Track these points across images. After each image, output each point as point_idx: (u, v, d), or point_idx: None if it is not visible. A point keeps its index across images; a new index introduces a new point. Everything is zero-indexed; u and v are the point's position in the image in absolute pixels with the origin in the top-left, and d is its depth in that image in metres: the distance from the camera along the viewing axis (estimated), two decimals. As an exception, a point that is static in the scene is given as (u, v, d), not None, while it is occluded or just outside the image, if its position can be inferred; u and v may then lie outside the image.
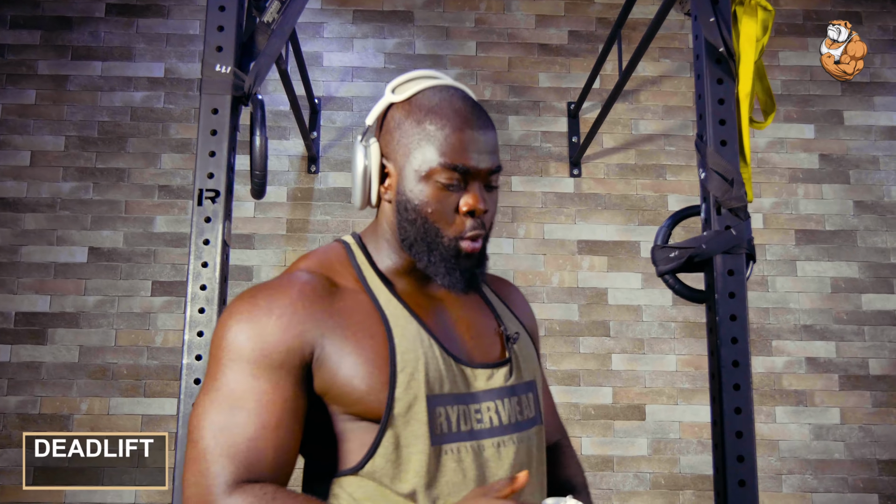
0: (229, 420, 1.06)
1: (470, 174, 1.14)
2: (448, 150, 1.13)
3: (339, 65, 3.97)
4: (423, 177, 1.14)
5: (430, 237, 1.15)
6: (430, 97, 1.18)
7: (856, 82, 4.04)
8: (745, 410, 1.90)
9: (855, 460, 3.67)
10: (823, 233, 3.88)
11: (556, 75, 4.01)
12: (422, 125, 1.15)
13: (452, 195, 1.15)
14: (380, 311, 1.16)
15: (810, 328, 3.78)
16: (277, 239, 3.76)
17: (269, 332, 1.09)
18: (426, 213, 1.14)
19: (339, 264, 1.21)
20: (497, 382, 1.19)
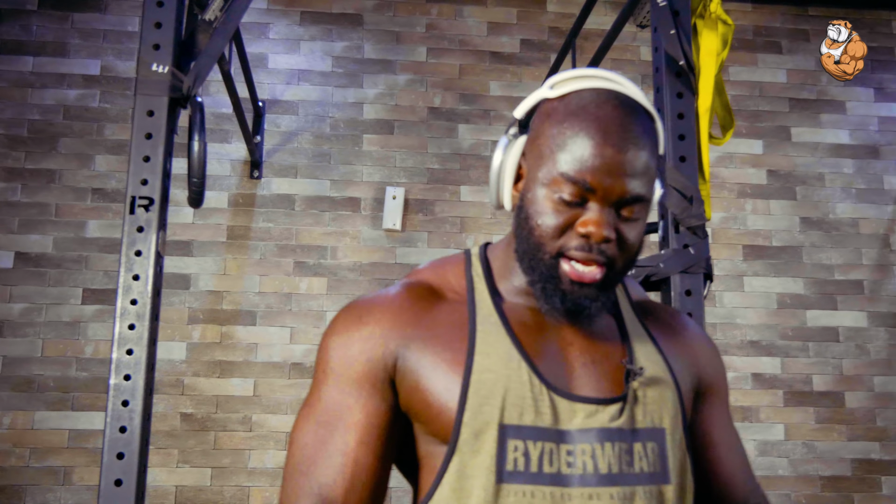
0: (325, 438, 1.02)
1: (596, 193, 0.98)
2: (574, 160, 0.98)
3: (285, 67, 3.85)
4: (546, 184, 1.00)
5: (532, 252, 1.02)
6: (583, 97, 1.02)
7: (803, 99, 4.07)
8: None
9: (798, 476, 3.67)
10: (770, 248, 3.88)
11: (507, 84, 3.95)
12: (559, 127, 1.00)
13: (570, 211, 0.99)
14: (470, 325, 1.04)
15: (757, 344, 3.78)
16: (217, 246, 3.62)
17: (353, 343, 1.04)
18: (534, 224, 1.00)
19: (453, 275, 1.12)
20: (599, 422, 0.99)
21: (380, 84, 3.88)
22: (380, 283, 3.66)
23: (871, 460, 3.71)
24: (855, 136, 4.06)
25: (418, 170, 3.80)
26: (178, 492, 3.38)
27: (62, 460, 3.38)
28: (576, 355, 1.06)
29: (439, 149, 3.84)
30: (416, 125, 3.85)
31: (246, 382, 3.50)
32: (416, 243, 3.72)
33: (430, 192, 3.78)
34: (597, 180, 0.97)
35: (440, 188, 3.80)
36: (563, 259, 1.00)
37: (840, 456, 3.70)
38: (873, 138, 4.06)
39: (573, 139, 0.98)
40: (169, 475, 3.39)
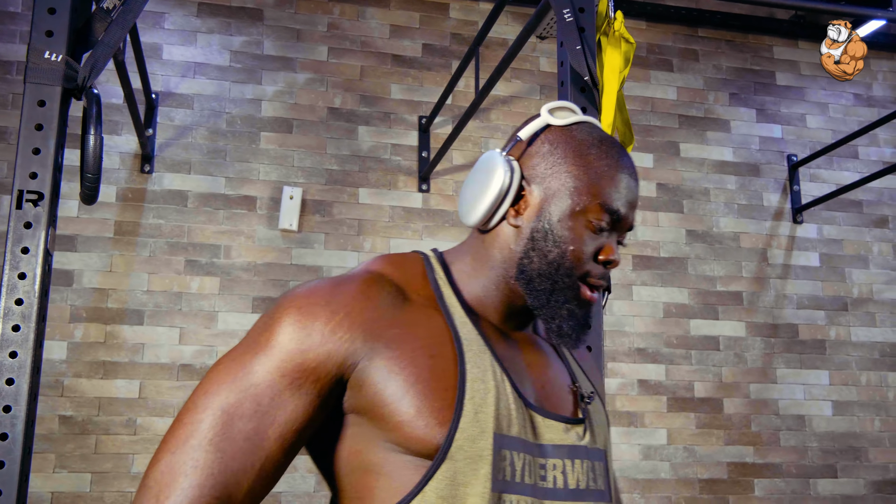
0: (234, 410, 0.93)
1: (619, 223, 1.06)
2: (609, 190, 1.04)
3: (181, 59, 3.73)
4: (577, 212, 1.04)
5: (560, 275, 1.03)
6: (592, 132, 1.09)
7: (691, 116, 4.24)
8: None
9: (679, 479, 3.82)
10: (658, 259, 4.02)
11: (408, 87, 3.94)
12: (586, 158, 1.05)
13: (596, 239, 1.05)
14: (452, 330, 1.02)
15: (643, 351, 3.91)
16: (103, 242, 3.47)
17: (315, 331, 0.96)
18: (567, 250, 1.03)
19: (413, 273, 1.07)
20: (571, 439, 1.04)
21: (279, 81, 3.80)
22: (275, 285, 3.58)
23: (746, 464, 3.89)
24: (738, 154, 4.25)
25: (316, 170, 3.75)
26: (54, 498, 3.22)
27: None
28: (537, 374, 1.10)
29: (338, 150, 3.80)
30: (315, 125, 3.80)
31: (131, 384, 3.36)
32: (313, 244, 3.67)
33: (328, 194, 3.74)
34: (625, 212, 1.05)
35: (338, 189, 3.76)
36: (582, 284, 1.05)
37: (717, 460, 3.87)
38: (755, 157, 4.27)
39: (607, 171, 1.05)
40: (45, 481, 3.22)
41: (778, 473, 3.91)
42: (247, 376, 0.95)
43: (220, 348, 3.48)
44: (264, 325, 0.99)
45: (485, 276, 1.09)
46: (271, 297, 3.57)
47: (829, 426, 4.02)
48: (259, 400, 0.94)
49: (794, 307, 4.12)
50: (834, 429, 4.02)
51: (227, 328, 3.51)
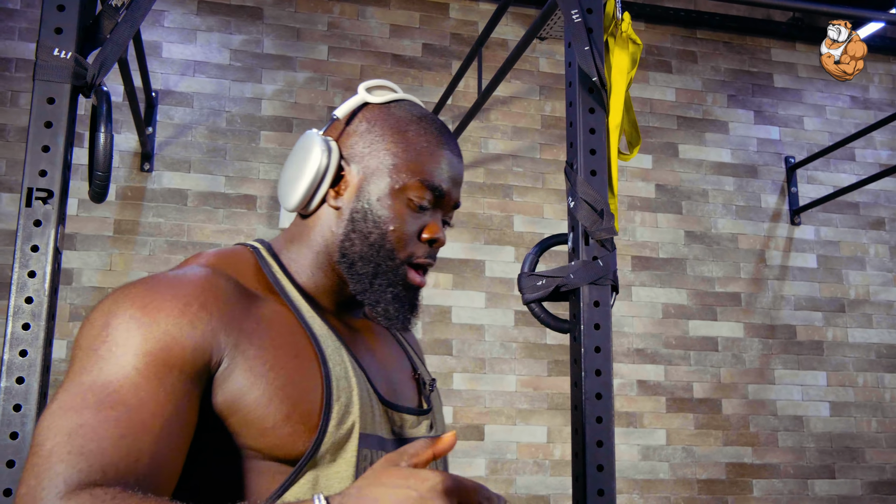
0: (95, 415, 0.79)
1: (443, 200, 1.03)
2: (430, 165, 1.02)
3: (180, 57, 3.71)
4: (397, 190, 1.00)
5: (382, 257, 1.00)
6: (412, 109, 1.06)
7: (689, 117, 4.25)
8: (606, 444, 1.89)
9: (677, 480, 3.83)
10: (657, 260, 4.03)
11: (408, 87, 3.94)
12: (404, 134, 1.02)
13: (419, 218, 1.02)
14: (306, 327, 0.97)
15: (642, 352, 3.92)
16: (102, 240, 3.45)
17: (170, 324, 0.86)
18: (387, 230, 1.00)
19: (247, 268, 1.00)
20: (421, 432, 1.04)
21: (279, 80, 3.79)
22: (274, 284, 3.57)
23: (744, 464, 3.91)
24: (736, 156, 4.27)
25: (317, 169, 3.74)
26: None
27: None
28: (383, 365, 1.07)
29: (338, 149, 3.78)
30: (315, 124, 3.79)
31: (130, 384, 3.34)
32: (313, 244, 3.66)
33: (328, 193, 3.73)
34: (447, 188, 1.03)
35: (338, 189, 3.74)
36: (407, 267, 1.02)
37: (715, 460, 3.88)
38: (752, 158, 4.29)
39: (427, 147, 1.02)
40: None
41: (776, 474, 3.93)
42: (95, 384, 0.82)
43: (219, 348, 3.46)
44: (93, 333, 0.86)
45: (313, 262, 1.04)
46: (271, 297, 3.55)
47: (826, 427, 4.04)
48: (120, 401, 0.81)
49: (791, 308, 4.14)
50: (831, 429, 4.04)
51: (226, 328, 3.49)
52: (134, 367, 0.83)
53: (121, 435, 0.79)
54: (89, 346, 0.85)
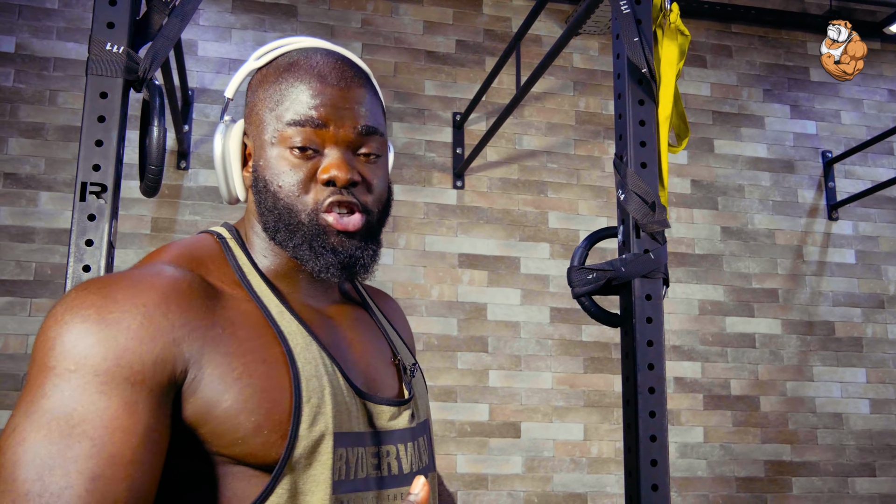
0: (63, 452, 0.74)
1: (328, 132, 0.93)
2: (296, 103, 0.93)
3: (216, 55, 3.72)
4: (274, 143, 0.94)
5: (287, 217, 0.93)
6: (291, 56, 0.98)
7: (724, 112, 4.21)
8: (660, 439, 1.87)
9: (716, 478, 3.79)
10: (693, 256, 4.00)
11: (442, 84, 3.93)
12: (275, 86, 0.96)
13: (308, 162, 0.94)
14: (273, 326, 0.91)
15: (679, 349, 3.88)
16: (140, 239, 3.46)
17: (130, 337, 0.80)
18: (277, 188, 0.93)
19: (212, 262, 0.94)
20: (401, 423, 0.99)
21: (313, 78, 3.79)
22: (310, 281, 3.57)
23: (783, 462, 3.86)
24: (772, 151, 4.22)
25: (351, 167, 3.73)
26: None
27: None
28: (360, 353, 1.02)
29: (373, 146, 3.78)
30: (349, 121, 3.78)
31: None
32: (348, 241, 3.66)
33: (363, 190, 3.72)
34: (325, 114, 0.93)
35: (373, 186, 3.74)
36: (321, 215, 0.94)
37: (754, 458, 3.84)
38: (789, 153, 4.24)
39: (291, 89, 0.95)
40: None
41: (815, 472, 3.88)
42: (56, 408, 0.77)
43: (256, 345, 3.47)
44: (47, 345, 0.80)
45: (261, 245, 0.99)
46: (307, 294, 3.56)
47: (866, 424, 3.98)
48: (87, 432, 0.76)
49: (829, 304, 4.09)
50: (871, 427, 3.99)
51: (263, 325, 3.50)
52: (96, 389, 0.78)
53: (92, 477, 0.75)
54: (44, 361, 0.79)
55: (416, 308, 3.67)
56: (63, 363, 0.78)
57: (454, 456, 3.57)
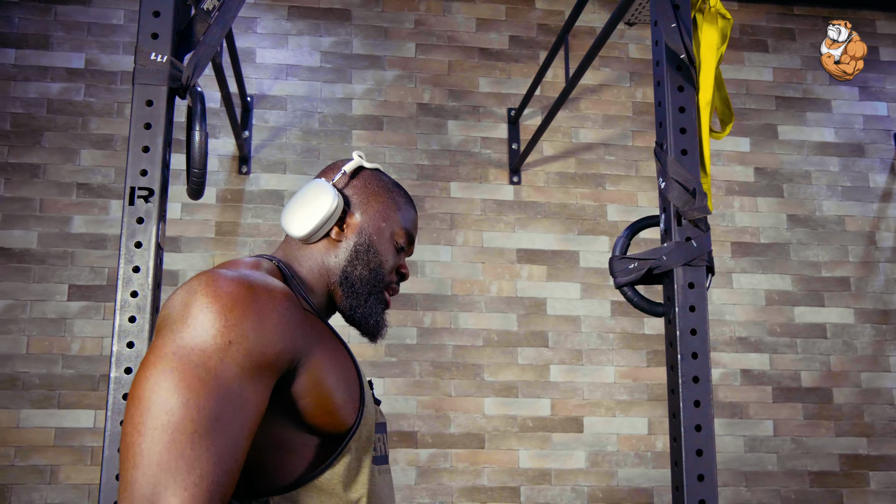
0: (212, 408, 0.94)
1: (410, 245, 1.40)
2: (409, 220, 1.39)
3: (273, 62, 3.81)
4: (390, 234, 1.35)
5: (376, 280, 1.33)
6: (388, 178, 1.42)
7: (788, 97, 4.10)
8: (705, 427, 1.84)
9: (787, 472, 3.69)
10: (758, 245, 3.91)
11: (496, 80, 3.93)
12: (392, 195, 1.38)
13: (398, 256, 1.37)
14: (333, 333, 1.24)
15: (745, 340, 3.80)
16: (205, 242, 3.57)
17: (272, 326, 1.04)
18: (382, 260, 1.34)
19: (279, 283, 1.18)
20: (383, 418, 1.35)
21: (368, 80, 3.85)
22: (369, 280, 3.63)
23: (859, 455, 3.74)
24: (840, 135, 4.09)
25: (407, 166, 3.78)
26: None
27: (48, 459, 3.33)
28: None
29: (428, 145, 3.82)
30: (404, 121, 3.83)
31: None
32: (406, 240, 3.70)
33: (420, 189, 3.76)
34: (414, 237, 1.41)
35: (429, 184, 3.78)
36: (386, 291, 1.36)
37: (828, 451, 3.73)
38: (858, 137, 4.10)
39: (406, 206, 1.40)
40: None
41: (894, 466, 3.74)
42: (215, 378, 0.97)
43: (318, 344, 3.54)
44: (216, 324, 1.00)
45: (314, 282, 1.32)
46: (367, 293, 3.61)
47: (947, 416, 3.82)
48: (231, 398, 0.97)
49: (905, 292, 3.94)
50: (953, 418, 3.82)
51: (324, 324, 3.57)
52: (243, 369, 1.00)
53: (225, 471, 0.94)
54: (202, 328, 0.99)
55: (474, 304, 3.68)
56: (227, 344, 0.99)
57: (516, 451, 3.58)
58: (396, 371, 3.57)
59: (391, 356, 3.58)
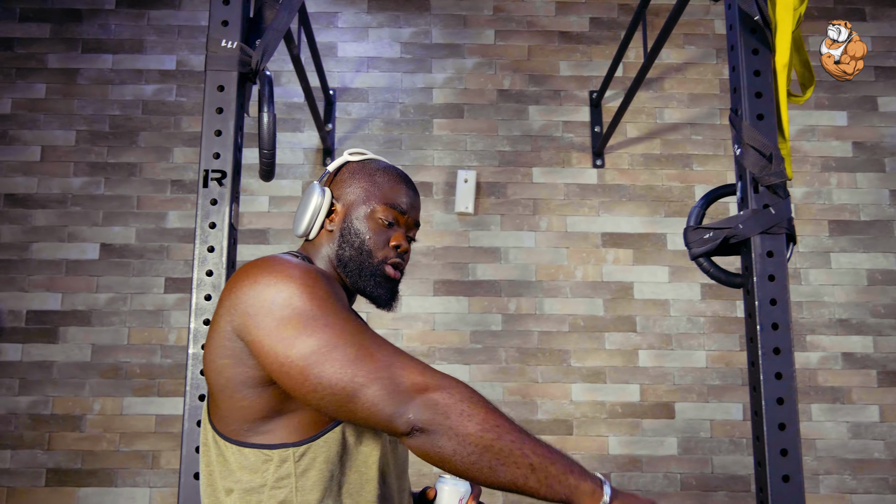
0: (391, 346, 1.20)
1: (402, 216, 1.45)
2: (390, 195, 1.45)
3: (354, 55, 3.87)
4: (369, 213, 1.43)
5: (364, 257, 1.41)
6: (379, 163, 1.51)
7: (889, 67, 3.89)
8: (788, 400, 1.77)
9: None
10: (858, 223, 3.73)
11: (577, 63, 3.88)
12: (373, 177, 1.46)
13: (387, 231, 1.43)
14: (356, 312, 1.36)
15: (846, 322, 3.63)
16: (292, 234, 3.65)
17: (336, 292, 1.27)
18: (365, 239, 1.42)
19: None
20: None
21: (448, 68, 3.86)
22: (454, 267, 3.64)
23: (973, 442, 3.52)
24: (947, 104, 3.86)
25: (489, 152, 3.77)
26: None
27: (149, 444, 3.47)
28: None
29: (510, 131, 3.80)
30: (485, 108, 3.82)
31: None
32: (489, 226, 3.69)
33: (502, 175, 3.75)
34: (406, 209, 1.46)
35: (511, 170, 3.76)
36: (383, 265, 1.42)
37: (939, 438, 3.53)
38: (967, 105, 3.86)
39: (387, 184, 1.46)
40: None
41: None
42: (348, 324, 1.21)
43: (404, 331, 3.58)
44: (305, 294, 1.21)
45: (328, 270, 1.43)
46: (451, 280, 3.62)
47: None
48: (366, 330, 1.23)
49: None
50: None
51: (409, 312, 3.60)
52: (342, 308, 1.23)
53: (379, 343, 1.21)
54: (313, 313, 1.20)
55: (559, 290, 3.64)
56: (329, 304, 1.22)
57: (606, 437, 3.52)
58: (482, 358, 3.57)
59: (476, 343, 3.58)
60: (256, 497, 1.25)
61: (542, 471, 1.12)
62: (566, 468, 1.14)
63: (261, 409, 1.25)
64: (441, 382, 1.15)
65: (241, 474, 1.26)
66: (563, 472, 1.13)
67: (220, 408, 1.28)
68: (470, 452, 1.11)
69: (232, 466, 1.26)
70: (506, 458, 1.12)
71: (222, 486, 1.28)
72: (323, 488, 1.26)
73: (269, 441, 1.25)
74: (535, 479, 1.12)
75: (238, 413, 1.25)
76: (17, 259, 3.62)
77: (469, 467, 1.12)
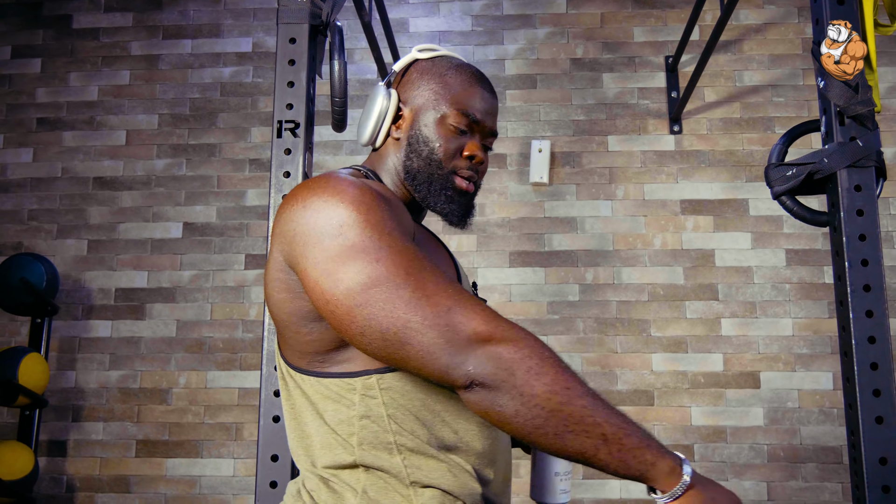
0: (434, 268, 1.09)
1: (476, 125, 1.31)
2: (463, 98, 1.31)
3: (426, 30, 3.88)
4: (439, 118, 1.30)
5: (433, 168, 1.29)
6: (452, 60, 1.36)
7: None
8: (880, 339, 1.69)
9: None
10: (954, 182, 3.55)
11: (651, 28, 3.81)
12: (444, 78, 1.32)
13: (459, 139, 1.30)
14: (427, 230, 1.35)
15: (943, 286, 3.47)
16: (368, 208, 3.69)
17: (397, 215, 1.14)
18: (434, 147, 1.29)
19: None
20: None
21: (520, 39, 3.84)
22: (529, 238, 3.61)
23: None
24: None
25: (563, 122, 3.73)
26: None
27: (233, 417, 3.55)
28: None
29: (584, 100, 3.75)
30: (558, 77, 3.78)
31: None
32: (565, 196, 3.65)
33: (577, 144, 3.70)
34: (481, 115, 1.31)
35: (586, 139, 3.71)
36: (454, 175, 1.30)
37: None
38: None
39: (460, 85, 1.31)
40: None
41: None
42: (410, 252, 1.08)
43: (480, 303, 3.56)
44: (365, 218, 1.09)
45: (393, 183, 1.33)
46: (527, 251, 3.60)
47: None
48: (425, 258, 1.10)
49: None
50: None
51: (485, 283, 3.59)
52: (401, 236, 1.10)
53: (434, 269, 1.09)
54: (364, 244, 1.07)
55: (638, 258, 3.58)
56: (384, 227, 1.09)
57: (688, 408, 3.44)
58: (560, 328, 3.53)
59: (553, 314, 3.55)
60: (347, 429, 1.15)
61: (616, 443, 1.00)
62: (643, 442, 1.02)
63: (331, 339, 1.15)
64: (508, 334, 1.03)
65: (326, 405, 1.16)
66: (638, 447, 1.01)
67: (289, 342, 1.20)
68: (535, 416, 0.99)
69: (314, 398, 1.17)
70: (575, 424, 1.00)
71: (310, 421, 1.18)
72: (416, 416, 1.15)
73: (349, 369, 1.15)
74: (607, 451, 1.00)
75: (309, 346, 1.16)
76: (106, 239, 3.74)
77: (532, 431, 1.00)
